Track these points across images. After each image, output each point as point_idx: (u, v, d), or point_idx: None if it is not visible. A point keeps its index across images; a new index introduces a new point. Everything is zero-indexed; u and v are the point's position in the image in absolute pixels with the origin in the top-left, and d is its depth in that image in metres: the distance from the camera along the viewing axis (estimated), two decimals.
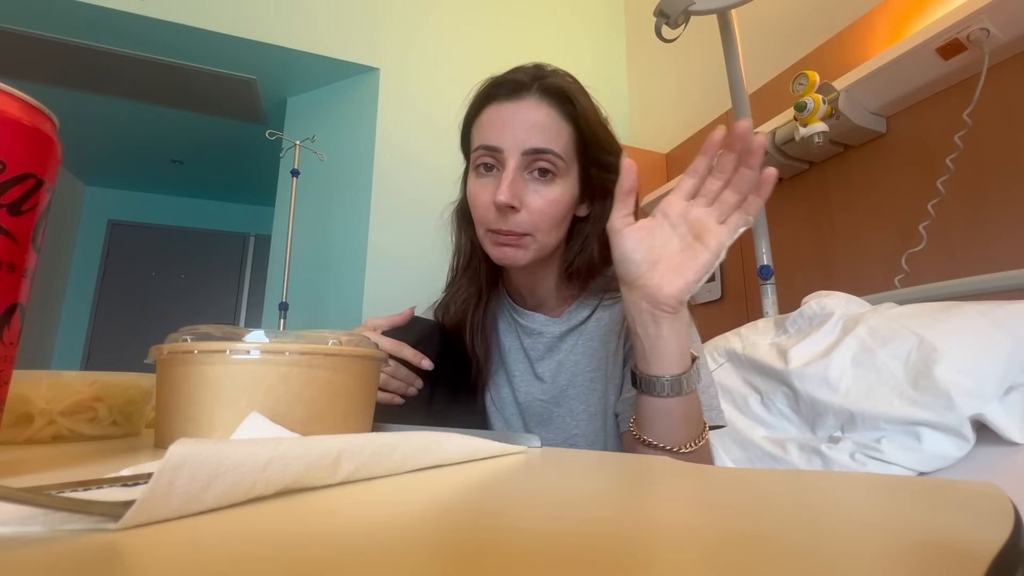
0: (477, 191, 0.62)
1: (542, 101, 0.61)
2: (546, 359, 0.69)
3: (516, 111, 0.61)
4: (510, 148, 0.59)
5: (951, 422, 0.62)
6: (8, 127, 0.23)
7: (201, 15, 1.87)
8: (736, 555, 0.14)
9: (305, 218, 2.03)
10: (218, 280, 4.18)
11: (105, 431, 0.41)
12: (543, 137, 0.60)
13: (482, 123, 0.63)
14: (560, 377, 0.68)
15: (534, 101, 0.61)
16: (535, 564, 0.13)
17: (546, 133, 0.60)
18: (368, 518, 0.18)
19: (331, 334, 0.37)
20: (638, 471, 0.30)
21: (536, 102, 0.61)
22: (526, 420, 0.70)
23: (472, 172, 0.64)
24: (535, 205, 0.60)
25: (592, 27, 2.42)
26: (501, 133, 0.60)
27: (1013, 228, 0.95)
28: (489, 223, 0.61)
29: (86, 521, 0.15)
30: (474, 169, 0.64)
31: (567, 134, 0.61)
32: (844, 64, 1.26)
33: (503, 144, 0.60)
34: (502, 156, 0.60)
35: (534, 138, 0.59)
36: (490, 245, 0.63)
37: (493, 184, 0.61)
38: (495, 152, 0.60)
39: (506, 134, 0.60)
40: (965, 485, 0.23)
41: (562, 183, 0.61)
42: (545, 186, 0.60)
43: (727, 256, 0.47)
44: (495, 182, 0.60)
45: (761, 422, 0.83)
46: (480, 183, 0.62)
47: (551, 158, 0.60)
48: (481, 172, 0.62)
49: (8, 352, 0.24)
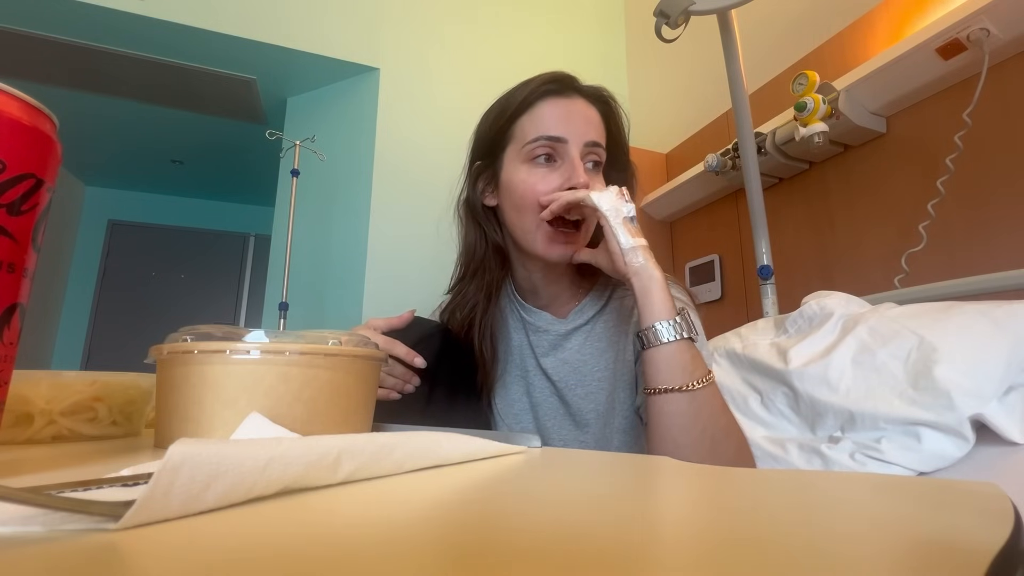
0: (536, 181, 0.64)
1: (591, 102, 0.67)
2: (550, 355, 0.70)
3: (573, 105, 0.65)
4: (574, 138, 0.63)
5: (951, 422, 0.62)
6: (8, 127, 0.23)
7: (201, 15, 1.86)
8: (736, 555, 0.14)
9: (305, 218, 2.03)
10: (218, 280, 4.18)
11: (105, 431, 0.41)
12: (598, 132, 0.66)
13: (539, 115, 0.65)
14: (568, 376, 0.68)
15: (586, 101, 0.66)
16: (535, 564, 0.13)
17: (599, 129, 0.66)
18: (368, 518, 0.18)
19: (331, 334, 0.37)
20: (638, 471, 0.30)
21: (587, 101, 0.66)
22: (538, 417, 0.70)
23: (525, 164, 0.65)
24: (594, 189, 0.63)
25: (592, 27, 2.42)
26: (565, 124, 0.64)
27: (1013, 228, 0.95)
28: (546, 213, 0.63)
29: (86, 521, 0.15)
30: (528, 161, 0.65)
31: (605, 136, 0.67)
32: (844, 64, 1.26)
33: (568, 135, 0.63)
34: (565, 147, 0.63)
35: (592, 132, 0.65)
36: (544, 240, 0.64)
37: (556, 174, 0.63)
38: (559, 142, 0.63)
39: (569, 126, 0.64)
40: (965, 485, 0.23)
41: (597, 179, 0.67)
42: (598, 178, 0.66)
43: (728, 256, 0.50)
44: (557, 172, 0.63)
45: (761, 422, 0.83)
46: (538, 173, 0.64)
47: (601, 152, 0.66)
48: (539, 163, 0.64)
49: (8, 352, 0.24)
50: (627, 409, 0.66)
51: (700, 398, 0.53)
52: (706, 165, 1.51)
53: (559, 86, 0.66)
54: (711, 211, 1.72)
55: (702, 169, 1.55)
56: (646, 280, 0.56)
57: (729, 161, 1.46)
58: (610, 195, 0.58)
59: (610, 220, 0.57)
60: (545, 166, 0.64)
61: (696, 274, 1.72)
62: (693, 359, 0.54)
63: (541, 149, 0.64)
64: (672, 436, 0.52)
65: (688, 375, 0.53)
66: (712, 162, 1.49)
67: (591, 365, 0.68)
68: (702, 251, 1.73)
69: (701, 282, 1.69)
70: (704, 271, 1.69)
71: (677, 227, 1.89)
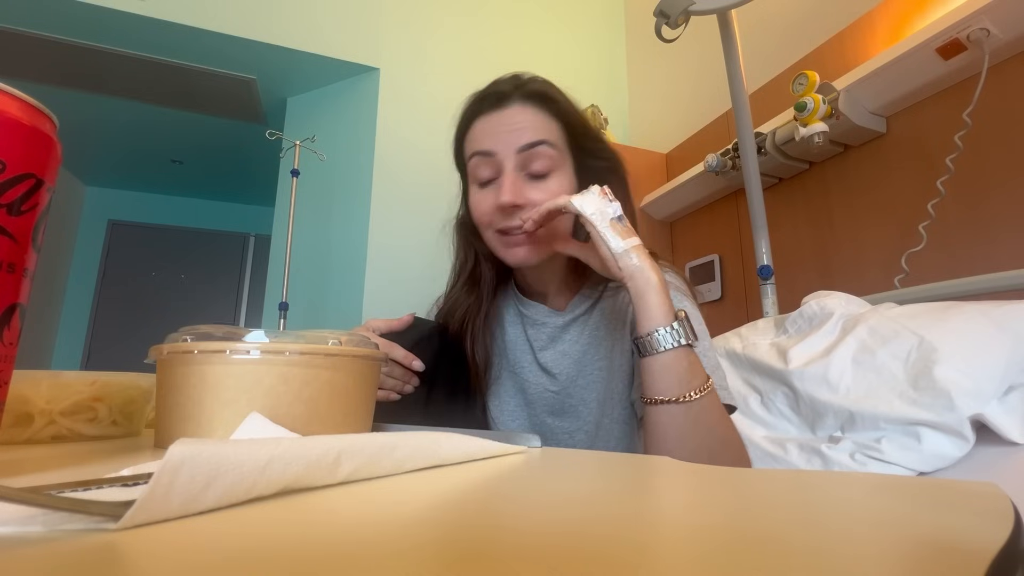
0: (479, 200, 0.65)
1: (525, 105, 0.64)
2: (549, 349, 0.70)
3: (503, 118, 0.64)
4: (503, 151, 0.62)
5: (951, 422, 0.62)
6: (8, 127, 0.23)
7: (201, 15, 1.86)
8: (736, 555, 0.14)
9: (305, 218, 2.03)
10: (218, 280, 4.18)
11: (105, 431, 0.41)
12: (535, 132, 0.62)
13: (473, 136, 0.66)
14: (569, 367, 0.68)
15: (518, 107, 0.64)
16: (535, 564, 0.13)
17: (536, 129, 0.63)
18: (368, 518, 0.18)
19: (331, 334, 0.37)
20: (638, 471, 0.30)
21: (520, 107, 0.64)
22: (535, 413, 0.70)
23: (472, 185, 0.67)
24: (538, 200, 0.61)
25: (592, 27, 2.42)
26: (493, 138, 0.63)
27: (1013, 228, 0.95)
28: (496, 225, 0.63)
29: (86, 521, 0.15)
30: (473, 182, 0.66)
31: (556, 128, 0.64)
32: (844, 64, 1.26)
33: (496, 148, 0.63)
34: (497, 160, 0.63)
35: (526, 135, 0.62)
36: (502, 248, 0.65)
37: (494, 191, 0.63)
38: (489, 156, 0.63)
39: (498, 139, 0.63)
40: (965, 485, 0.23)
41: (559, 176, 0.64)
42: (544, 182, 0.63)
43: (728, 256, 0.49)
44: (496, 188, 0.63)
45: (761, 422, 0.83)
46: (482, 193, 0.65)
47: (545, 149, 0.62)
48: (482, 183, 0.65)
49: (8, 352, 0.24)
50: (624, 399, 0.66)
51: (697, 409, 0.51)
52: (706, 165, 1.51)
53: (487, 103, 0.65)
54: (711, 211, 1.72)
55: (702, 169, 1.55)
56: (642, 284, 0.53)
57: (729, 161, 1.46)
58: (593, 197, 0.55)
59: (597, 225, 0.54)
60: (488, 186, 0.64)
61: (696, 274, 1.72)
62: (691, 367, 0.52)
63: (478, 169, 0.64)
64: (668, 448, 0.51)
65: (686, 385, 0.51)
66: (712, 162, 1.49)
67: (591, 355, 0.68)
68: (702, 251, 1.73)
69: (701, 282, 1.69)
70: (704, 271, 1.69)
71: (677, 227, 1.89)
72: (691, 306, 0.65)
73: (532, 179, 0.62)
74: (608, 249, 0.54)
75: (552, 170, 0.63)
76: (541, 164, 0.62)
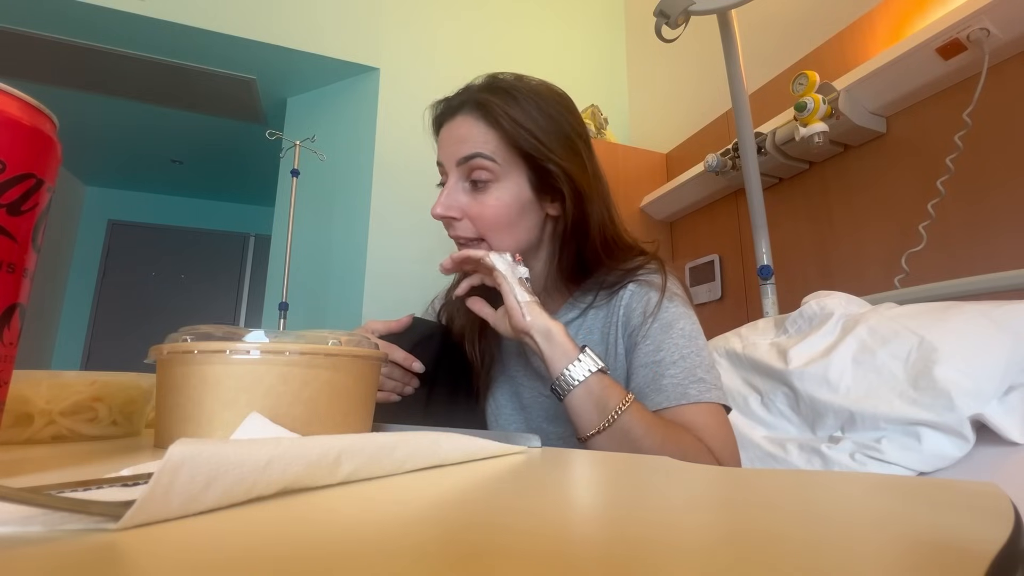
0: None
1: (468, 115, 0.65)
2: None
3: (450, 129, 0.66)
4: (448, 162, 0.65)
5: (951, 422, 0.62)
6: (8, 127, 0.23)
7: (201, 15, 1.86)
8: (737, 555, 0.14)
9: (305, 218, 2.03)
10: (218, 280, 4.18)
11: (105, 431, 0.41)
12: (474, 143, 0.64)
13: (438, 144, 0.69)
14: None
15: (461, 117, 0.66)
16: (535, 564, 0.13)
17: (474, 141, 0.64)
18: (368, 518, 0.18)
19: (331, 334, 0.37)
20: (638, 471, 0.30)
21: (463, 118, 0.65)
22: (531, 418, 0.70)
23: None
24: (474, 212, 0.64)
25: (592, 27, 2.42)
26: (442, 150, 0.67)
27: (1013, 228, 0.95)
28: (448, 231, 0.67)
29: (86, 521, 0.15)
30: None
31: (495, 138, 0.64)
32: (844, 64, 1.26)
33: (443, 158, 0.66)
34: (444, 170, 0.66)
35: (465, 147, 0.64)
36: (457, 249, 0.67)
37: None
38: (440, 166, 0.67)
39: (445, 151, 0.66)
40: (965, 485, 0.23)
41: (500, 187, 0.64)
42: (482, 193, 0.64)
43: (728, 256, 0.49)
44: None
45: (761, 422, 0.83)
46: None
47: (481, 161, 0.63)
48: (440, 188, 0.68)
49: (8, 352, 0.24)
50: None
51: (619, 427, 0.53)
52: (706, 165, 1.51)
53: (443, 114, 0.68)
54: (711, 211, 1.72)
55: (702, 169, 1.55)
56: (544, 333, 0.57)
57: (729, 161, 1.46)
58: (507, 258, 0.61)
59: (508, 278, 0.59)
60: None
61: (696, 274, 1.72)
62: (605, 389, 0.54)
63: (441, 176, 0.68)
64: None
65: (604, 411, 0.53)
66: (712, 162, 1.49)
67: None
68: (702, 251, 1.73)
69: (701, 282, 1.69)
70: (704, 271, 1.69)
71: (677, 227, 1.89)
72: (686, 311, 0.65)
73: (472, 190, 0.65)
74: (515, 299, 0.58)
75: (490, 181, 0.63)
76: (480, 174, 0.64)
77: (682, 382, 0.58)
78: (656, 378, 0.59)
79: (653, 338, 0.61)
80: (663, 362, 0.60)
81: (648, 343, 0.61)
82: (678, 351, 0.60)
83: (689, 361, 0.60)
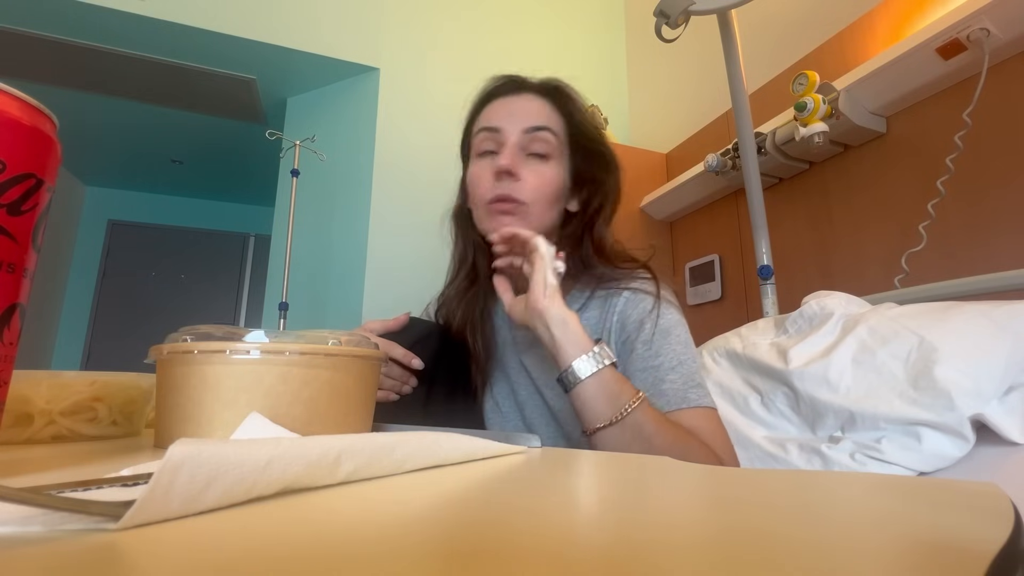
0: (478, 171, 0.68)
1: (537, 95, 0.70)
2: (531, 351, 0.70)
3: (516, 101, 0.69)
4: (510, 128, 0.67)
5: (951, 422, 0.62)
6: (8, 127, 0.23)
7: (201, 15, 1.86)
8: (737, 555, 0.14)
9: (305, 218, 2.03)
10: (218, 280, 4.18)
11: (105, 431, 0.41)
12: (541, 118, 0.67)
13: (484, 114, 0.70)
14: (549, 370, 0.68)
15: (531, 95, 0.69)
16: (535, 564, 0.13)
17: (543, 116, 0.68)
18: (368, 518, 0.18)
19: (331, 334, 0.37)
20: (638, 471, 0.30)
21: (533, 96, 0.69)
22: (526, 416, 0.70)
23: (472, 159, 0.70)
24: (531, 180, 0.66)
25: (592, 27, 2.42)
26: (502, 117, 0.68)
27: (1013, 228, 0.95)
28: (487, 194, 0.66)
29: (86, 521, 0.15)
30: (474, 156, 0.70)
31: (560, 123, 0.69)
32: (844, 64, 1.26)
33: (502, 125, 0.67)
34: (502, 136, 0.67)
35: (532, 119, 0.67)
36: (487, 217, 0.67)
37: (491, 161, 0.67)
38: (495, 132, 0.67)
39: (507, 117, 0.68)
40: (965, 485, 0.23)
41: (556, 165, 0.68)
42: (542, 164, 0.67)
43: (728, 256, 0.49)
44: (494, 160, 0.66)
45: (761, 422, 0.83)
46: (479, 164, 0.69)
47: (547, 135, 0.67)
48: (481, 154, 0.69)
49: (8, 352, 0.24)
50: None
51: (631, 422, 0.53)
52: (706, 165, 1.51)
53: (503, 87, 0.71)
54: (711, 211, 1.72)
55: (702, 169, 1.55)
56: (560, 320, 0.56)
57: (729, 161, 1.46)
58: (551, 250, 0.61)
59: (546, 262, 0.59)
60: (487, 158, 0.68)
61: (696, 274, 1.72)
62: (618, 383, 0.54)
63: (483, 143, 0.68)
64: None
65: (616, 405, 0.53)
66: (712, 162, 1.49)
67: None
68: (702, 251, 1.73)
69: (701, 282, 1.69)
70: (704, 271, 1.69)
71: (677, 227, 1.89)
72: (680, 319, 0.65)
73: (531, 159, 0.66)
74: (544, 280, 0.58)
75: (550, 155, 0.67)
76: (541, 147, 0.66)
77: (682, 387, 0.59)
78: (656, 382, 0.60)
79: (651, 344, 0.62)
80: (662, 367, 0.60)
81: (646, 348, 0.62)
82: (676, 357, 0.61)
83: (687, 367, 0.61)
